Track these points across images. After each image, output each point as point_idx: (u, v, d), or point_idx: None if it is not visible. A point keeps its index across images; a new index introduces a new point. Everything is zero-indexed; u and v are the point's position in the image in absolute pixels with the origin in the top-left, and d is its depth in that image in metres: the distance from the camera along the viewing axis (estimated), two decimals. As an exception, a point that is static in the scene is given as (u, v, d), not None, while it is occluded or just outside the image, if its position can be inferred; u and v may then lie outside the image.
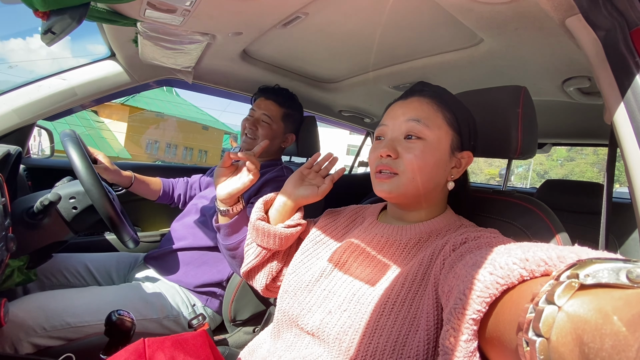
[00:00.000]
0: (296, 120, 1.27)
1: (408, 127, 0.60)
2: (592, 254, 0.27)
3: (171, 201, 1.37)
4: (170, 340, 0.59)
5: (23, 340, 0.79)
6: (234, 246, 0.80)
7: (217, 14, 0.82)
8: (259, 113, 1.19)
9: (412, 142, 0.60)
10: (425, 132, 0.59)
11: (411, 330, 0.48)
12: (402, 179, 0.60)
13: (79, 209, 0.90)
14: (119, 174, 1.16)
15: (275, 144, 1.22)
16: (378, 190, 0.62)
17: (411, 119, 0.60)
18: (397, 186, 0.60)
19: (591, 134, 1.75)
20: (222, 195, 0.76)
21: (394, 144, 0.61)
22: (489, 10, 0.68)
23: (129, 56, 1.11)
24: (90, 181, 0.83)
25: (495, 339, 0.30)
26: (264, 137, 1.16)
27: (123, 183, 1.20)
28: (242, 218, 0.79)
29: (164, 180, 1.34)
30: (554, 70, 0.93)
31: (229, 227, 0.78)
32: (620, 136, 0.46)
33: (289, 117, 1.22)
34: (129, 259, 1.22)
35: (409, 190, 0.60)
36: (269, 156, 1.24)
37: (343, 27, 0.88)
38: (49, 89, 1.11)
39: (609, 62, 0.48)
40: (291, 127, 1.25)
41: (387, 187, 0.61)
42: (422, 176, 0.59)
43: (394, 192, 0.61)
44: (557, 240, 0.60)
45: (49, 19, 0.61)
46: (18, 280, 0.84)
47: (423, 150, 0.59)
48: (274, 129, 1.19)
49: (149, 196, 1.30)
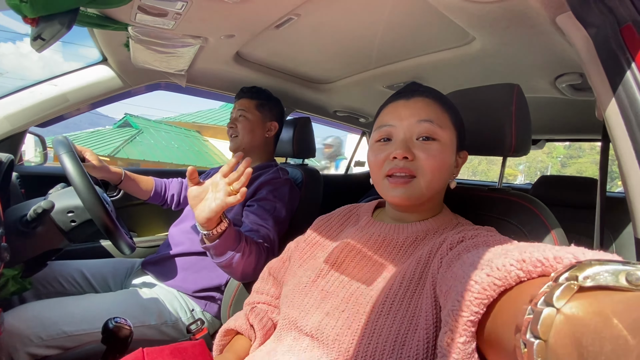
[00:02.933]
0: (272, 108, 1.26)
1: (423, 128, 0.59)
2: (589, 254, 0.27)
3: (163, 202, 1.34)
4: (169, 349, 0.58)
5: (20, 350, 0.78)
6: (225, 263, 0.79)
7: (209, 17, 0.81)
8: (234, 113, 1.22)
9: (428, 143, 0.58)
10: (439, 133, 0.59)
11: (410, 330, 0.48)
12: (421, 181, 0.58)
13: (77, 222, 0.89)
14: (107, 170, 1.14)
15: (258, 134, 1.22)
16: (392, 196, 0.59)
17: (424, 120, 0.59)
18: (414, 191, 0.58)
19: (585, 130, 1.77)
20: (201, 220, 0.71)
21: (408, 145, 0.59)
22: (480, 9, 0.68)
23: (121, 61, 1.10)
24: (84, 190, 0.82)
25: (493, 340, 0.30)
26: (243, 130, 1.19)
27: (113, 180, 1.18)
28: (228, 237, 0.76)
29: (156, 180, 1.32)
30: (546, 67, 0.94)
31: (215, 249, 0.75)
32: (612, 131, 0.46)
33: (263, 106, 1.23)
34: (126, 265, 1.21)
35: (425, 193, 0.59)
36: (259, 153, 1.24)
37: (335, 28, 0.88)
38: (40, 95, 1.10)
39: (599, 59, 0.48)
40: (269, 115, 1.24)
41: (404, 193, 0.58)
42: (438, 177, 0.59)
43: (412, 198, 0.58)
44: (552, 237, 0.60)
45: (38, 25, 0.60)
46: (13, 290, 0.83)
47: (440, 150, 0.58)
48: (250, 120, 1.20)
49: (140, 195, 1.28)
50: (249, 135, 1.20)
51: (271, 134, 1.25)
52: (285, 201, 1.08)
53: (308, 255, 0.70)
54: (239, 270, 0.83)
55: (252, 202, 1.06)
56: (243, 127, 1.19)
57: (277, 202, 1.06)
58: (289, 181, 1.14)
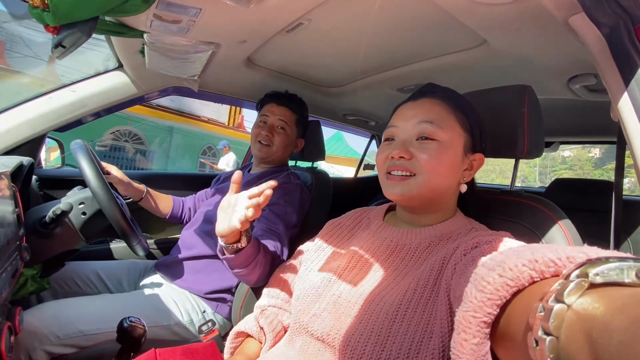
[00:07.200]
0: (306, 124, 1.29)
1: (421, 128, 0.60)
2: (602, 253, 0.27)
3: (181, 220, 1.37)
4: (180, 351, 0.59)
5: (37, 348, 0.80)
6: (240, 274, 0.78)
7: (221, 24, 0.83)
8: (273, 119, 1.19)
9: (427, 143, 0.59)
10: (439, 134, 0.59)
11: (425, 337, 0.47)
12: (419, 179, 0.58)
13: (87, 215, 0.91)
14: (130, 185, 1.19)
15: (289, 150, 1.23)
16: (389, 192, 0.61)
17: (423, 121, 0.60)
18: (410, 188, 0.59)
19: (600, 132, 1.73)
20: (221, 231, 0.67)
21: (405, 145, 0.60)
22: (490, 11, 0.68)
23: (136, 67, 1.13)
24: (98, 185, 0.84)
25: (506, 339, 0.30)
26: (280, 144, 1.17)
27: (134, 196, 1.22)
28: (245, 254, 0.71)
29: (174, 199, 1.35)
30: (559, 68, 0.93)
31: (231, 261, 0.73)
32: (628, 133, 0.45)
33: (301, 122, 1.24)
34: (140, 267, 1.23)
35: (422, 192, 0.59)
36: (278, 163, 1.25)
37: (346, 32, 0.89)
38: (59, 101, 1.13)
39: (614, 59, 0.48)
40: (302, 132, 1.26)
41: (399, 190, 0.60)
42: (437, 176, 0.59)
43: (407, 195, 0.59)
44: (567, 240, 0.59)
45: (59, 33, 0.62)
46: (32, 289, 0.86)
47: (438, 150, 0.58)
48: (289, 135, 1.20)
49: (158, 214, 1.30)
50: (282, 150, 1.19)
51: (297, 150, 1.27)
52: (297, 206, 1.09)
53: (319, 260, 0.70)
54: (252, 280, 0.82)
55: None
56: (281, 141, 1.17)
57: (287, 206, 1.06)
58: (299, 186, 1.15)
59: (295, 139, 1.24)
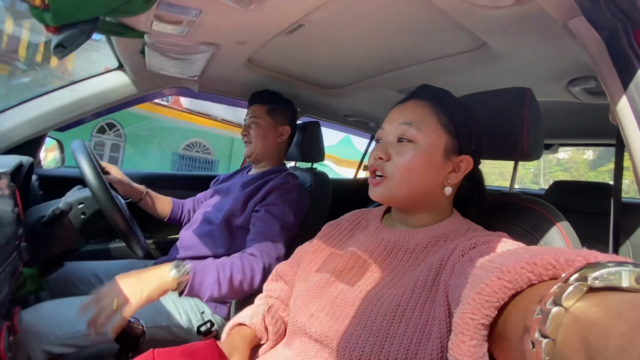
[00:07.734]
0: (284, 111, 1.27)
1: (400, 130, 0.61)
2: (601, 257, 0.27)
3: (180, 222, 1.38)
4: (179, 351, 0.59)
5: (36, 348, 0.80)
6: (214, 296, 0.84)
7: (222, 25, 0.83)
8: (247, 120, 1.24)
9: (403, 145, 0.60)
10: (417, 136, 0.59)
11: (423, 338, 0.47)
12: (390, 182, 0.60)
13: (87, 215, 0.92)
14: (130, 186, 1.20)
15: (271, 140, 1.23)
16: (371, 194, 0.63)
17: (404, 123, 0.61)
18: (386, 190, 0.61)
19: (599, 134, 1.73)
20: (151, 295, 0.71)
21: (386, 147, 0.62)
22: (490, 14, 0.68)
23: (137, 67, 1.13)
24: (97, 185, 0.85)
25: (503, 341, 0.30)
26: (256, 137, 1.20)
27: (134, 197, 1.23)
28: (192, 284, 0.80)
29: (174, 201, 1.36)
30: (558, 71, 0.93)
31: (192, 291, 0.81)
32: (627, 136, 0.46)
33: (275, 111, 1.24)
34: (138, 267, 1.23)
35: (398, 194, 0.60)
36: (271, 158, 1.25)
37: (346, 34, 0.89)
38: (59, 101, 1.13)
39: (613, 63, 0.48)
40: (281, 119, 1.25)
41: (378, 192, 0.62)
42: (410, 180, 0.59)
43: (385, 196, 0.61)
44: (565, 242, 0.59)
45: (60, 33, 0.62)
46: (31, 289, 0.86)
47: (413, 154, 0.59)
48: (262, 126, 1.21)
49: (157, 215, 1.32)
50: (261, 142, 1.21)
51: (283, 138, 1.26)
52: (294, 207, 1.09)
53: (317, 261, 0.70)
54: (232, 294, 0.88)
55: (260, 207, 1.07)
56: (255, 134, 1.21)
57: (285, 207, 1.06)
58: (298, 186, 1.15)
59: (274, 127, 1.24)
